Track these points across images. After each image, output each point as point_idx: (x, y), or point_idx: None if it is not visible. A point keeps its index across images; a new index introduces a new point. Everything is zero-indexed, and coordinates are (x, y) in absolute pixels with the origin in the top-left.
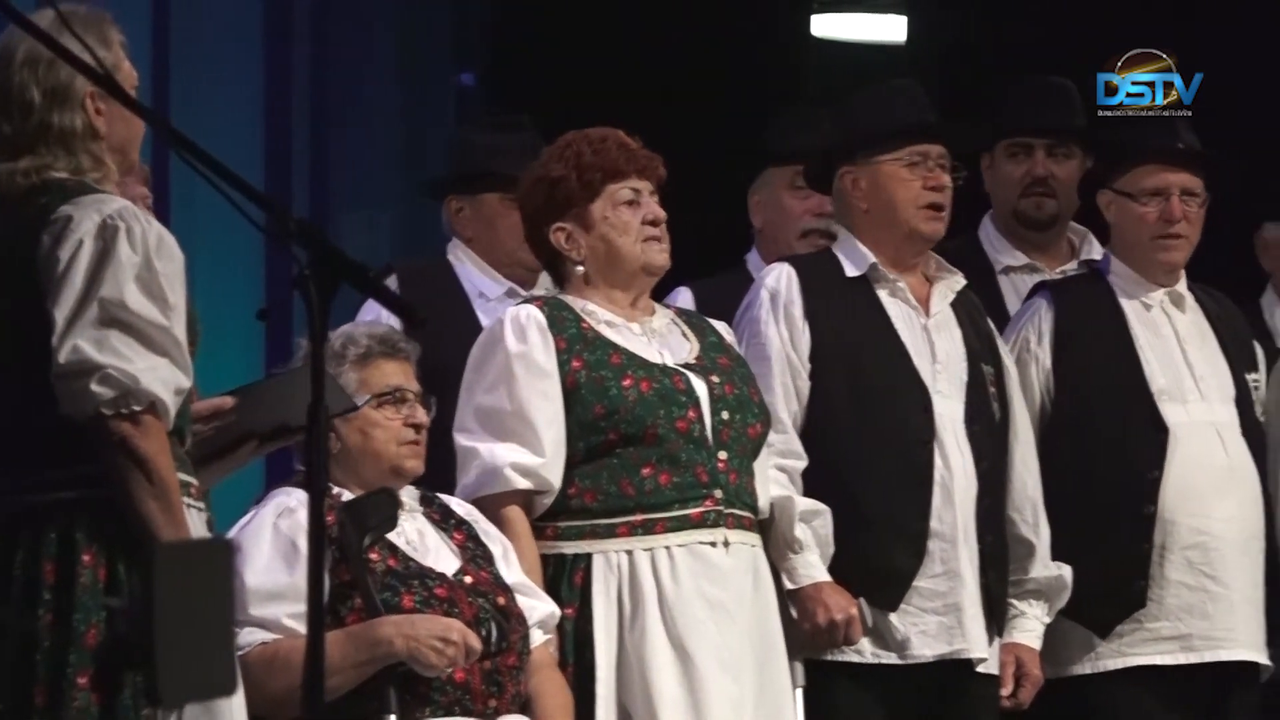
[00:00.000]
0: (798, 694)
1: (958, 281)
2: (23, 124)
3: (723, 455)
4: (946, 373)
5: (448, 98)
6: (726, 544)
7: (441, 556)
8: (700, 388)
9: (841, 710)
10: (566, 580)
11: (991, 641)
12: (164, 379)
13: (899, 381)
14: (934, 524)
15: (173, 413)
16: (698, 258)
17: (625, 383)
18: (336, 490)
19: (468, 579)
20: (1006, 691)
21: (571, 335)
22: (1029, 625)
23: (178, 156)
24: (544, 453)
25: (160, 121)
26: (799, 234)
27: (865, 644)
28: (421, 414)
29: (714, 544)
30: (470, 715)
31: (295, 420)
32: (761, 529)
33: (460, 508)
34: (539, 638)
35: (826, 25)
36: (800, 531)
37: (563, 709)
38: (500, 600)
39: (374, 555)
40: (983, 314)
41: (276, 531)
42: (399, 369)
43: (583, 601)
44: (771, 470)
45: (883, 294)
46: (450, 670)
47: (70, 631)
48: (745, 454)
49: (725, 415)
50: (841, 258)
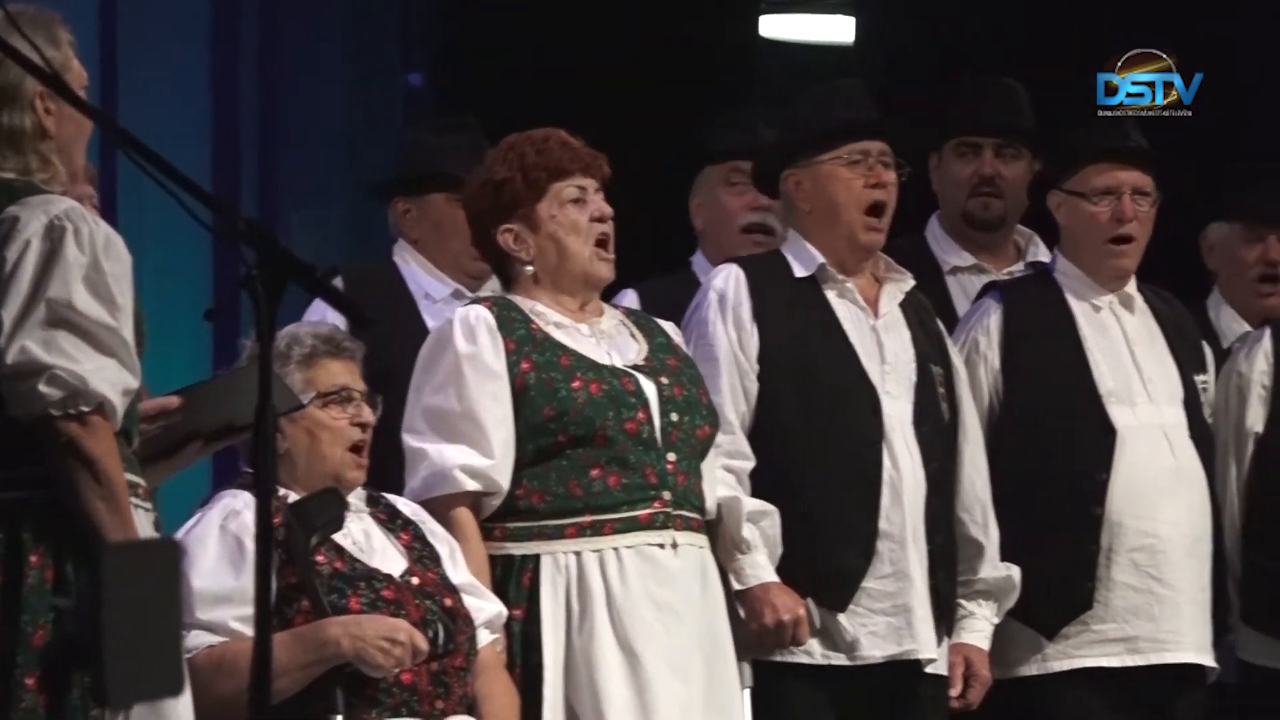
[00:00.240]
0: (746, 695)
1: (907, 282)
2: None
3: (671, 456)
4: (895, 374)
5: (395, 98)
6: (675, 545)
7: (388, 557)
8: (649, 389)
9: (792, 711)
10: (514, 581)
11: (940, 642)
12: (112, 380)
13: (847, 382)
14: (883, 525)
15: (121, 413)
16: (645, 259)
17: (575, 384)
18: (283, 492)
19: (415, 580)
20: (955, 692)
21: (521, 336)
22: (978, 626)
23: (125, 156)
24: (493, 454)
25: (108, 121)
26: (739, 229)
27: (814, 645)
28: (368, 413)
29: (662, 545)
30: (417, 716)
31: (241, 419)
32: (709, 530)
33: (407, 508)
34: (486, 638)
35: (775, 26)
36: (748, 532)
37: (510, 710)
38: (447, 601)
39: (321, 557)
40: (932, 315)
41: (223, 534)
42: (344, 368)
43: (530, 602)
44: (719, 471)
45: (831, 295)
46: (397, 671)
47: (18, 632)
48: (694, 455)
49: (674, 416)
50: (790, 258)
